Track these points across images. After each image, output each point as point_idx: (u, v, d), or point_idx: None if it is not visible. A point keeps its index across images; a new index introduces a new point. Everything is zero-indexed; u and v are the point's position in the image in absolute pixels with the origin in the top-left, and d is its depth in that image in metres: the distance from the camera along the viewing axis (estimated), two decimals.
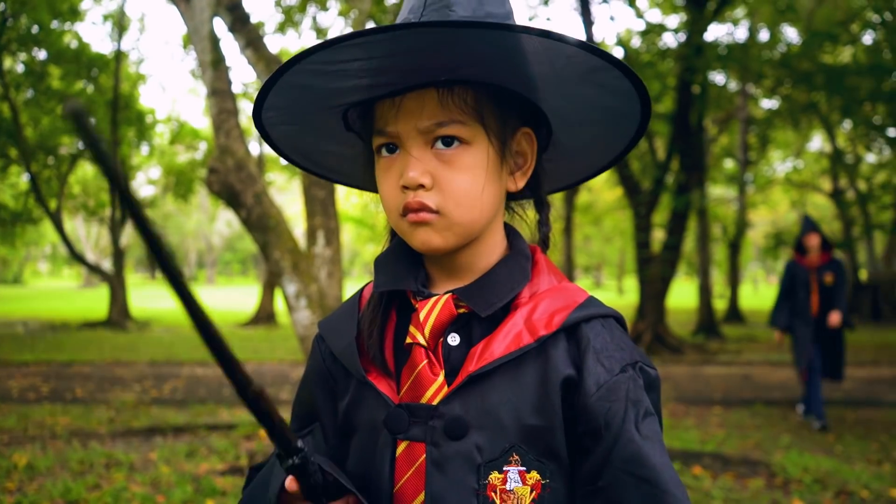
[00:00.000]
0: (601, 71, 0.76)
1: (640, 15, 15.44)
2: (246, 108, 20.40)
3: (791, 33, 17.07)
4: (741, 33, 17.72)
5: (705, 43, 10.91)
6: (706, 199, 13.80)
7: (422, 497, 0.76)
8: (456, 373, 0.78)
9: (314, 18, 14.37)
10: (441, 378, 0.78)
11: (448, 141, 0.77)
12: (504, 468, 0.75)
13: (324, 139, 0.91)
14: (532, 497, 0.75)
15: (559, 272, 0.86)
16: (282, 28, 14.98)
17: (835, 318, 5.71)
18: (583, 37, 12.02)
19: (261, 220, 4.70)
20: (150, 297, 30.81)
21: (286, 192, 40.02)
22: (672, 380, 8.48)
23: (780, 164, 23.93)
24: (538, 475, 0.75)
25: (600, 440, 0.75)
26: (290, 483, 0.72)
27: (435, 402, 0.77)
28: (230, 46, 9.24)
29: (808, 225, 6.08)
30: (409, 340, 0.80)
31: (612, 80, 0.77)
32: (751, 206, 21.11)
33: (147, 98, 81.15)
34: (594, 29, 11.97)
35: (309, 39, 15.94)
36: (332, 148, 0.93)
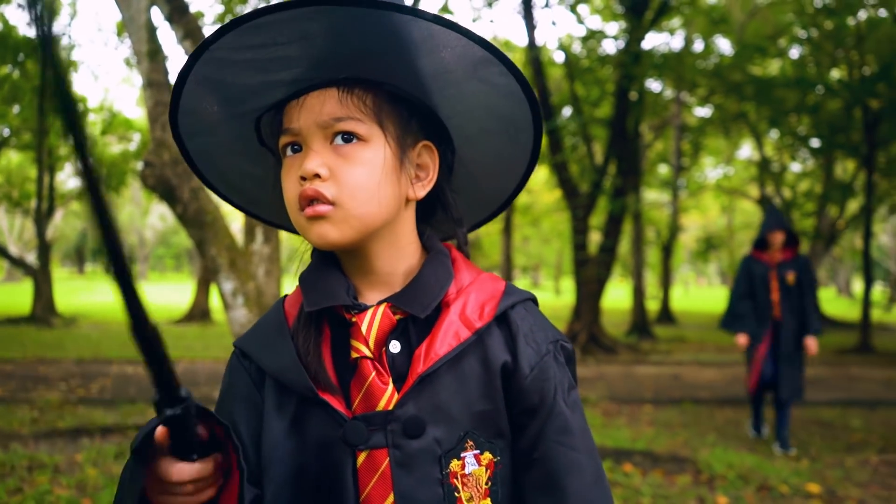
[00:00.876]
0: (485, 65, 0.79)
1: (580, 21, 15.74)
2: None
3: (724, 45, 17.71)
4: (677, 42, 18.28)
5: (643, 51, 11.20)
6: (641, 202, 14.17)
7: (390, 499, 0.79)
8: (402, 377, 0.82)
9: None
10: (391, 386, 0.81)
11: (347, 137, 0.80)
12: (461, 455, 0.81)
13: (239, 156, 0.92)
14: (487, 475, 0.81)
15: (473, 264, 0.91)
16: (221, 19, 14.66)
17: (812, 345, 5.08)
18: (525, 40, 12.21)
19: (197, 216, 4.60)
20: (77, 292, 29.67)
21: None
22: (605, 379, 8.69)
23: (711, 170, 24.76)
24: (490, 455, 0.82)
25: (535, 416, 0.83)
26: (161, 433, 0.70)
27: (390, 409, 0.80)
28: (168, 37, 9.00)
29: (774, 219, 5.31)
30: (354, 355, 0.82)
31: (497, 76, 0.80)
32: (683, 211, 21.76)
33: (78, 86, 78.00)
34: (536, 33, 12.13)
35: None
36: (248, 168, 0.93)
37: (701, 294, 48.03)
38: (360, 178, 0.80)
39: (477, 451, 0.81)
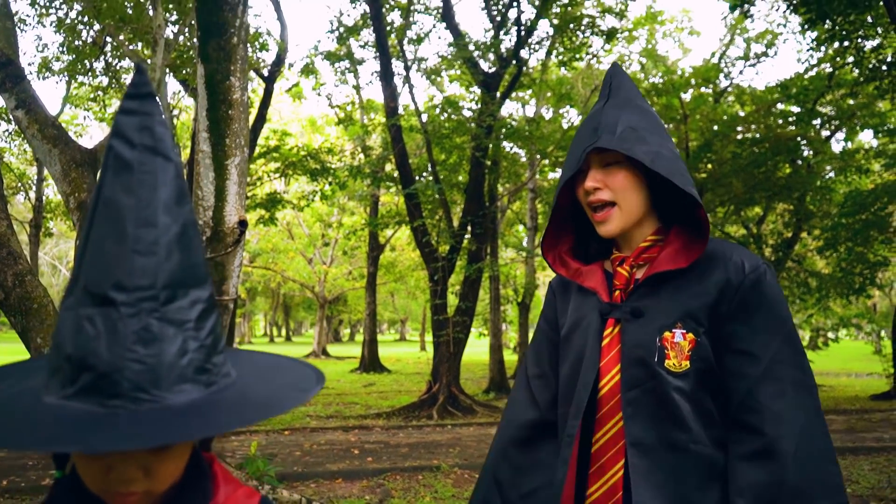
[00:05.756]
0: None
1: (441, 90, 16.40)
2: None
3: (573, 113, 19.06)
4: (530, 110, 19.46)
5: (495, 122, 11.84)
6: (497, 265, 14.75)
7: None
8: None
9: (107, 61, 13.62)
10: None
11: None
12: None
13: None
14: None
15: (231, 475, 0.94)
16: (72, 71, 13.96)
17: None
18: (386, 106, 12.54)
19: (22, 303, 4.34)
20: None
21: (69, 239, 36.54)
22: (461, 444, 8.86)
23: None
24: None
25: None
26: None
27: None
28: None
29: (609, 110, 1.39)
30: None
31: None
32: (540, 269, 22.77)
33: None
34: (397, 97, 12.52)
35: (103, 80, 14.99)
36: None
37: None
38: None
39: None
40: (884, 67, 10.70)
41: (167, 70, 12.02)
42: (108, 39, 11.92)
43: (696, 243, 1.35)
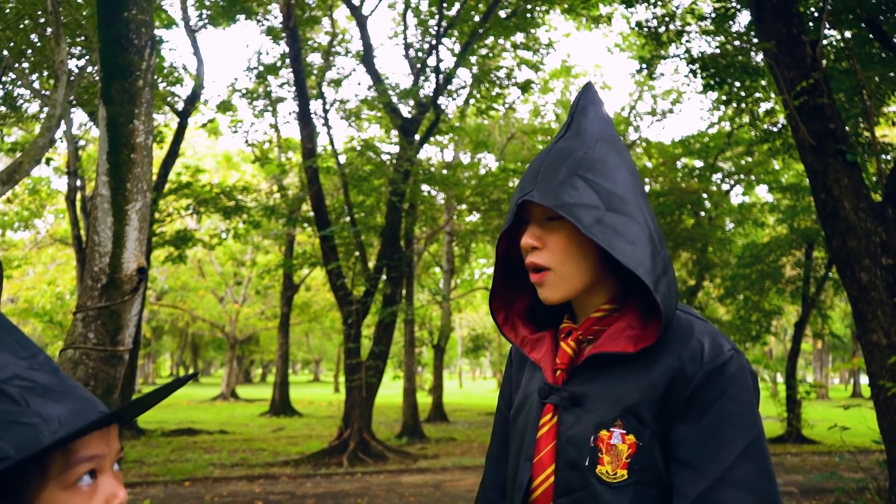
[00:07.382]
0: None
1: (361, 130, 16.46)
2: None
3: (490, 158, 19.50)
4: (448, 155, 19.77)
5: (413, 167, 11.94)
6: (413, 308, 14.72)
7: None
8: None
9: (6, 90, 12.99)
10: None
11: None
12: None
13: None
14: None
15: None
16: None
17: None
18: (303, 147, 12.46)
19: None
20: None
21: None
22: (370, 493, 8.67)
23: (479, 271, 26.52)
24: None
25: None
26: None
27: None
28: None
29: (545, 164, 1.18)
30: None
31: None
32: (455, 310, 22.92)
33: None
34: (315, 138, 12.45)
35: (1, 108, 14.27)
36: None
37: (475, 386, 50.26)
38: None
39: None
40: (775, 129, 11.47)
41: (73, 102, 11.59)
42: (9, 68, 11.41)
43: (655, 321, 1.09)
